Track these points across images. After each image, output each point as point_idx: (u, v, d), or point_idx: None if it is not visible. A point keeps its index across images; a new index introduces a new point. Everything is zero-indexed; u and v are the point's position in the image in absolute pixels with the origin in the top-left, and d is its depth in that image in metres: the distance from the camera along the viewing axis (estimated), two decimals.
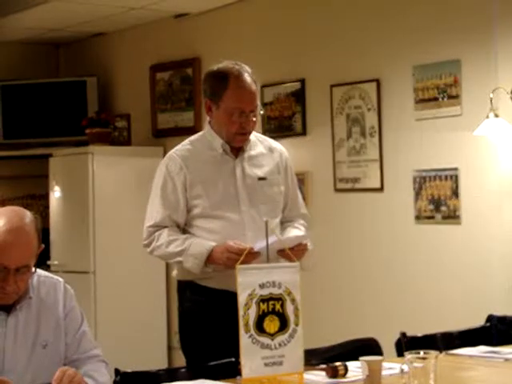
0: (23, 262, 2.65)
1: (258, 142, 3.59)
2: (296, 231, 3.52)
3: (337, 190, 5.53)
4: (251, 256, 3.10)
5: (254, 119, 3.44)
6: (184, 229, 3.49)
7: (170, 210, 3.44)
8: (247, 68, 3.49)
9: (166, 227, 3.44)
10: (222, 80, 3.43)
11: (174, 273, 3.57)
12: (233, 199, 3.44)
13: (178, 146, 3.57)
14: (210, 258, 3.33)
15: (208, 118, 3.56)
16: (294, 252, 3.25)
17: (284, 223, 3.59)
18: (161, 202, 3.45)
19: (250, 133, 3.48)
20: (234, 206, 3.43)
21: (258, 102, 3.47)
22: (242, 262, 2.72)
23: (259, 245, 3.13)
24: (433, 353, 2.46)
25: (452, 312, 4.87)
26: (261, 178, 3.50)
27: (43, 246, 2.76)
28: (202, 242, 3.37)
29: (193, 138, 3.60)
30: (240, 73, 3.43)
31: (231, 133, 3.43)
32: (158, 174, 3.54)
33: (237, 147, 3.49)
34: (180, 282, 3.57)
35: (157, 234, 3.44)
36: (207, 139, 3.52)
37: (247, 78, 3.44)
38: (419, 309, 5.06)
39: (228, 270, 3.16)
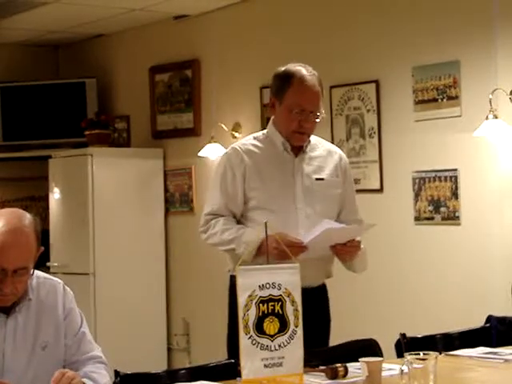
0: (21, 264, 2.64)
1: (319, 144, 3.66)
2: (349, 226, 3.56)
3: None
4: (300, 249, 3.18)
5: (314, 120, 3.49)
6: (240, 220, 3.54)
7: (227, 199, 3.51)
8: (314, 71, 3.55)
9: (222, 216, 3.50)
10: (287, 78, 3.51)
11: (228, 268, 3.58)
12: (289, 196, 3.49)
13: (242, 140, 3.66)
14: (261, 247, 3.34)
15: (272, 117, 3.61)
16: (346, 248, 3.30)
17: None
18: (219, 191, 3.52)
19: (308, 133, 3.54)
20: (289, 203, 3.48)
21: (321, 105, 3.51)
22: (288, 256, 2.80)
23: (310, 236, 3.21)
24: (432, 354, 2.46)
25: (452, 313, 4.87)
26: (318, 179, 3.55)
27: (43, 248, 2.75)
28: (255, 231, 3.40)
29: (256, 134, 3.66)
30: (305, 73, 3.51)
31: (290, 130, 3.49)
32: (220, 163, 3.60)
33: (298, 147, 3.55)
34: (232, 278, 3.57)
35: (213, 221, 3.50)
36: (269, 136, 3.59)
37: (312, 78, 3.50)
38: (419, 310, 5.06)
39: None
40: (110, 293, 6.44)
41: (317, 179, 3.55)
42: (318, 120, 3.50)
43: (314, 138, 3.64)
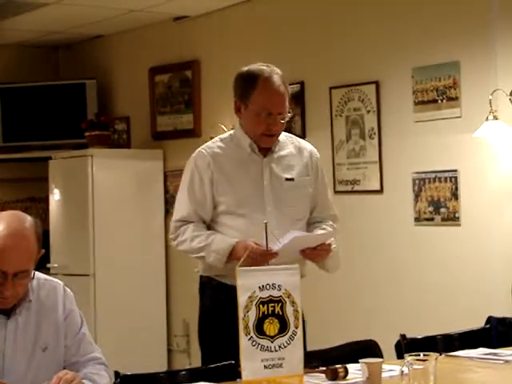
0: (22, 267, 2.64)
1: (288, 141, 3.59)
2: (321, 232, 3.52)
3: (336, 192, 5.53)
4: (270, 256, 3.13)
5: (282, 121, 3.44)
6: (209, 225, 3.50)
7: (196, 205, 3.47)
8: (278, 70, 3.49)
9: (192, 222, 3.46)
10: (252, 81, 3.44)
11: (198, 268, 3.58)
12: (258, 199, 3.45)
13: (208, 143, 3.58)
14: (232, 255, 3.34)
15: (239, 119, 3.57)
16: (316, 252, 3.28)
17: (312, 224, 3.59)
18: (188, 197, 3.48)
19: (276, 135, 3.49)
20: (259, 206, 3.44)
21: (287, 105, 3.46)
22: (260, 263, 2.74)
23: (279, 244, 3.16)
24: (433, 355, 2.46)
25: (452, 314, 4.87)
26: (288, 179, 3.50)
27: (43, 250, 2.75)
28: (224, 238, 3.39)
29: (223, 135, 3.62)
30: (270, 74, 3.44)
31: (258, 133, 3.44)
32: (187, 169, 3.56)
33: (265, 147, 3.50)
34: (202, 278, 3.57)
35: (182, 228, 3.47)
36: (237, 138, 3.53)
37: (277, 79, 3.44)
38: (419, 311, 5.06)
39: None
40: (110, 294, 6.44)
41: (287, 179, 3.49)
42: (284, 121, 3.44)
43: (283, 136, 3.56)
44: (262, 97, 3.41)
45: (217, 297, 3.47)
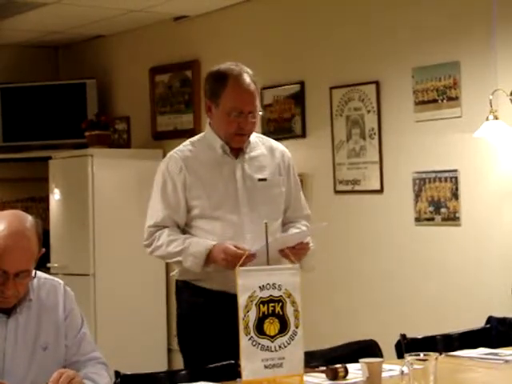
0: (23, 267, 2.64)
1: (260, 142, 3.58)
2: (297, 231, 3.51)
3: (337, 192, 5.53)
4: (247, 259, 3.08)
5: (253, 120, 3.43)
6: (184, 229, 3.48)
7: (170, 209, 3.44)
8: (247, 69, 3.48)
9: (166, 227, 3.44)
10: (222, 80, 3.44)
11: (174, 273, 3.56)
12: (232, 200, 3.43)
13: (179, 147, 3.57)
14: (209, 258, 3.33)
15: (208, 120, 3.56)
16: (295, 251, 3.25)
17: (286, 224, 3.58)
18: (161, 202, 3.46)
19: (248, 134, 3.47)
20: (233, 208, 3.42)
21: (258, 104, 3.46)
22: (236, 265, 2.72)
23: (258, 246, 3.12)
24: (433, 355, 2.46)
25: (452, 314, 4.87)
26: (261, 179, 3.49)
27: (44, 250, 2.75)
28: (201, 242, 3.37)
29: (193, 138, 3.60)
30: (239, 73, 3.43)
31: (229, 133, 3.43)
32: (159, 173, 3.54)
33: (237, 148, 3.48)
34: (178, 283, 3.56)
35: (157, 233, 3.44)
36: (207, 140, 3.52)
37: (246, 78, 3.43)
38: (419, 310, 5.06)
39: (228, 270, 3.16)
40: (110, 294, 6.44)
41: (259, 180, 3.48)
42: (255, 119, 3.44)
43: (254, 137, 3.55)
44: (231, 96, 3.40)
45: (194, 301, 3.46)
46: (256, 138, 3.57)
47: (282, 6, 5.94)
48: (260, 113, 3.47)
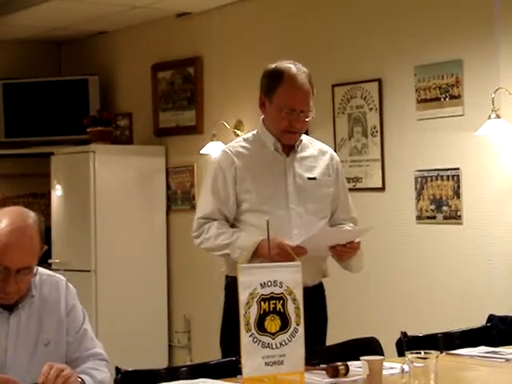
0: (25, 264, 2.64)
1: (310, 144, 3.64)
2: (349, 229, 3.57)
3: None
4: (301, 254, 3.15)
5: (305, 119, 3.47)
6: (233, 223, 3.53)
7: (219, 203, 3.50)
8: (305, 69, 3.55)
9: (215, 220, 3.49)
10: (277, 77, 3.49)
11: (223, 269, 3.59)
12: (282, 196, 3.48)
13: (231, 143, 3.63)
14: (257, 252, 3.36)
15: (261, 117, 3.60)
16: (345, 249, 3.29)
17: (333, 226, 3.62)
18: (211, 195, 3.51)
19: (299, 132, 3.52)
20: (282, 203, 3.47)
21: (311, 103, 3.49)
22: (290, 259, 2.78)
23: (303, 237, 3.22)
24: (433, 353, 2.46)
25: (453, 312, 4.87)
26: (310, 178, 3.54)
27: (46, 246, 2.76)
28: (250, 235, 3.40)
29: (246, 135, 3.65)
30: (295, 72, 3.50)
31: (280, 130, 3.48)
32: (211, 167, 3.60)
33: (289, 147, 3.53)
34: (228, 278, 3.58)
35: (206, 226, 3.50)
36: (260, 137, 3.57)
37: (302, 77, 3.50)
38: (420, 309, 5.06)
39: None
40: (112, 290, 6.44)
41: (309, 178, 3.54)
42: (308, 119, 3.48)
43: (305, 138, 3.62)
44: (285, 93, 3.46)
45: None
46: (307, 140, 3.63)
47: (284, 3, 5.94)
48: (313, 114, 3.50)
